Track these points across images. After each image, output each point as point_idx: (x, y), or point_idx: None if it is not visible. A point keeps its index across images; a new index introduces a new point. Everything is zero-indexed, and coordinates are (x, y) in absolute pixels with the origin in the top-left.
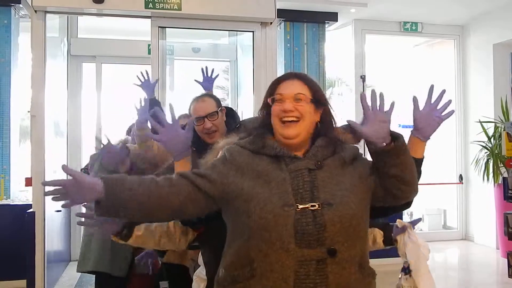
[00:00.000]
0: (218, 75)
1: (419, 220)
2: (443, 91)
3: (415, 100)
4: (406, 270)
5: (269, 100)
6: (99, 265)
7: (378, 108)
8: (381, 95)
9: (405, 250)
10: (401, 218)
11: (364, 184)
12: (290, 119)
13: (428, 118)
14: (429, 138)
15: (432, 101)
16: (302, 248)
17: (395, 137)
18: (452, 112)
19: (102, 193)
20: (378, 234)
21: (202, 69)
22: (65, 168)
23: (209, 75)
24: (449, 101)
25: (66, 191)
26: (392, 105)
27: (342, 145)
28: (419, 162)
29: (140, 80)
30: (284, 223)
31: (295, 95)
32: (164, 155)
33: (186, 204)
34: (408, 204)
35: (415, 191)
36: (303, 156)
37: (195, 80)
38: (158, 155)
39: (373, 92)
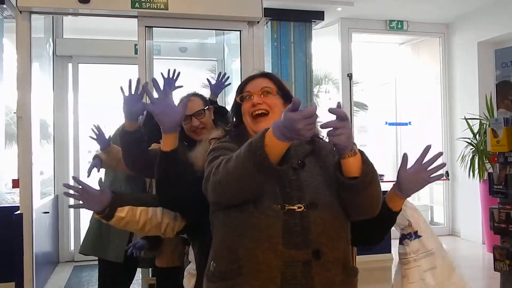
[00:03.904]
0: (230, 83)
1: None
2: (440, 154)
3: (404, 157)
4: (411, 235)
5: (237, 99)
6: (95, 250)
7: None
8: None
9: (407, 217)
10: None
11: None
12: (259, 111)
13: (414, 178)
14: (409, 196)
15: (424, 161)
16: (289, 249)
17: (365, 167)
18: (441, 176)
19: None
20: None
21: (220, 73)
22: None
23: (223, 81)
24: (443, 164)
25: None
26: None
27: (319, 140)
28: (395, 214)
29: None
30: (273, 224)
31: (261, 88)
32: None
33: None
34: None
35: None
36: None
37: (207, 79)
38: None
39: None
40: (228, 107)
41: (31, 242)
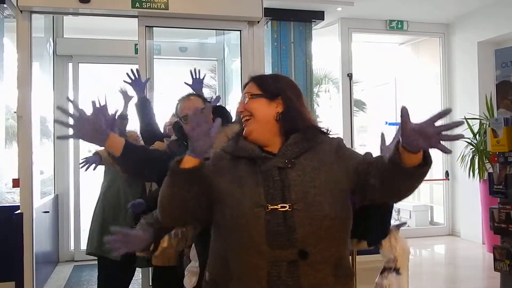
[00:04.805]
0: (205, 75)
1: (404, 223)
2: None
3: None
4: (393, 270)
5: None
6: (98, 249)
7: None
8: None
9: (395, 253)
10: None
11: (343, 182)
12: (244, 119)
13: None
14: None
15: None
16: (274, 249)
17: (426, 159)
18: (447, 150)
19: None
20: None
21: (191, 71)
22: None
23: (197, 76)
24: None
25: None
26: (447, 151)
27: (321, 138)
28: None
29: (130, 78)
30: (255, 224)
31: (244, 95)
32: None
33: (196, 201)
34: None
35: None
36: (277, 153)
37: (185, 83)
38: None
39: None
40: (228, 107)
41: (31, 241)
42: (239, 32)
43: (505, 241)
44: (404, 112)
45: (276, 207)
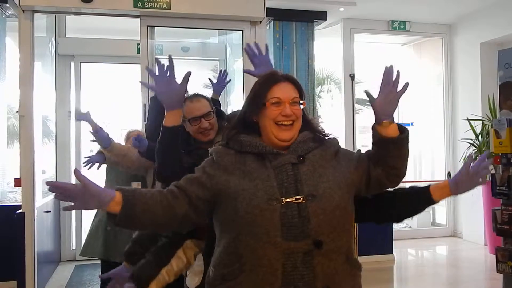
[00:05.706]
0: (230, 80)
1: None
2: (392, 69)
3: (470, 157)
4: None
5: (267, 104)
6: (106, 253)
7: (393, 84)
8: (398, 73)
9: None
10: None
11: (348, 177)
12: (288, 123)
13: (473, 179)
14: (457, 194)
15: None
16: (288, 241)
17: (402, 130)
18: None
19: (120, 203)
20: None
21: (220, 71)
22: (77, 173)
23: (224, 77)
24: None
25: (73, 196)
26: (406, 86)
27: (324, 138)
28: (432, 203)
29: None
30: (270, 217)
31: (292, 98)
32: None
33: (189, 213)
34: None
35: (401, 181)
36: (286, 152)
37: (209, 79)
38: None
39: (390, 67)
40: (230, 107)
41: (33, 241)
42: (241, 32)
43: (508, 242)
44: (368, 94)
45: (290, 200)
